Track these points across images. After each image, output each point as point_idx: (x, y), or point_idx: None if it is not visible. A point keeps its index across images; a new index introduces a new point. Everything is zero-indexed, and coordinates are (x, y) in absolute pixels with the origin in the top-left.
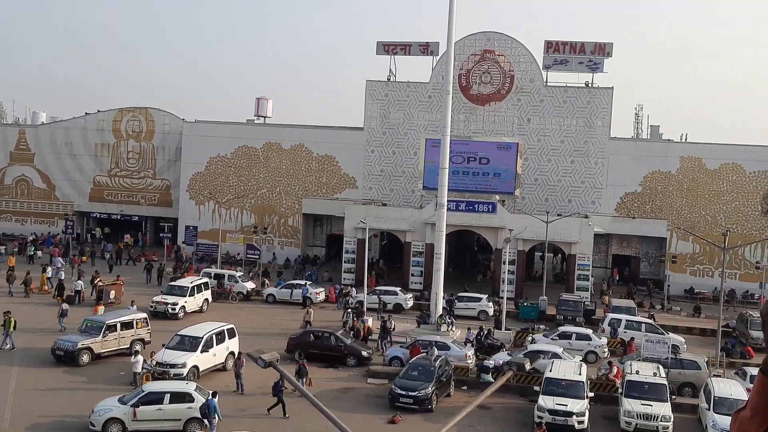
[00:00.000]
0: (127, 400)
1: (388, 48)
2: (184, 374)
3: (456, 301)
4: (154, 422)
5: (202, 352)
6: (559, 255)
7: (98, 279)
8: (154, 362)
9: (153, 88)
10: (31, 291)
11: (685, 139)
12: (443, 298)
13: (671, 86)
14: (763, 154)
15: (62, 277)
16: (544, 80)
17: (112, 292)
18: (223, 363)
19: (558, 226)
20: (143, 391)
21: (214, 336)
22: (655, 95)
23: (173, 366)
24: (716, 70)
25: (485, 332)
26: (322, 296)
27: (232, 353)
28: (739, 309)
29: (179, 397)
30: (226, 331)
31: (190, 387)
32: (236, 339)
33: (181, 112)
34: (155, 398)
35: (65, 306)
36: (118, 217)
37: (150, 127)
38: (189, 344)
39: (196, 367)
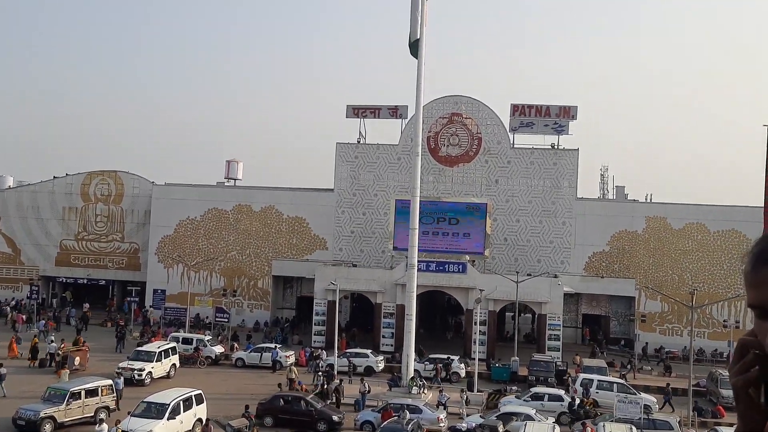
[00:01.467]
0: None
1: (357, 111)
2: None
3: (452, 362)
4: None
5: (168, 419)
6: (530, 315)
7: (63, 345)
8: (119, 431)
9: (123, 151)
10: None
11: (650, 200)
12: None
13: (635, 147)
14: (726, 214)
15: (52, 342)
16: (511, 142)
17: (77, 358)
18: (190, 430)
19: (528, 285)
20: None
21: (181, 402)
22: (619, 156)
23: None
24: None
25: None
26: (292, 359)
27: (199, 420)
28: (709, 367)
29: None
30: (193, 397)
31: None
32: (204, 405)
33: (151, 175)
34: None
35: (3, 370)
36: (85, 282)
37: (119, 191)
38: (155, 411)
39: None
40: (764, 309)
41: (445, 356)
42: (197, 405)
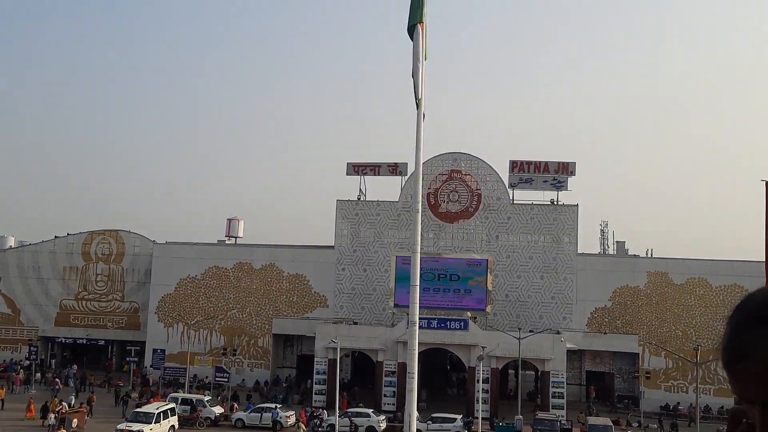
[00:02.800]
0: None
1: (357, 169)
2: None
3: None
4: None
5: None
6: (533, 372)
7: (61, 406)
8: None
9: (125, 210)
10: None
11: (651, 255)
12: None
13: (635, 203)
14: (728, 268)
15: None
16: (511, 198)
17: (75, 420)
18: None
19: (530, 342)
20: None
21: None
22: (619, 211)
23: None
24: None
25: None
26: (292, 419)
27: None
28: (716, 425)
29: None
30: None
31: None
32: None
33: (152, 234)
34: None
35: None
36: (84, 342)
37: (120, 250)
38: None
39: None
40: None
41: (449, 415)
42: None
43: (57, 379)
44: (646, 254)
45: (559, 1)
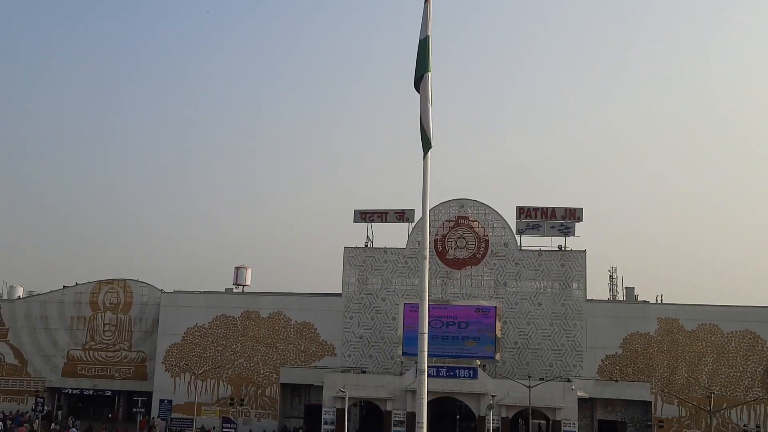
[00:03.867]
0: None
1: (365, 216)
2: None
3: None
4: None
5: None
6: (544, 421)
7: None
8: None
9: (132, 258)
10: None
11: (661, 300)
12: None
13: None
14: (739, 314)
15: None
16: (518, 244)
17: None
18: None
19: (541, 390)
20: None
21: None
22: (628, 256)
23: None
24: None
25: None
26: None
27: None
28: None
29: None
30: None
31: None
32: None
33: (160, 283)
34: None
35: None
36: (91, 393)
37: (128, 299)
38: None
39: None
40: None
41: None
42: None
43: None
44: (656, 300)
45: (563, 47)
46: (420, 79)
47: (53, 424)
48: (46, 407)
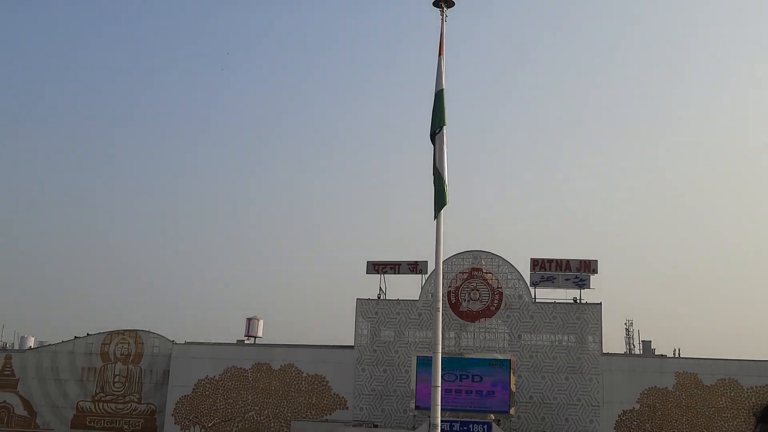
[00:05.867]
0: None
1: (377, 267)
2: None
3: None
4: None
5: None
6: None
7: None
8: None
9: (143, 310)
10: None
11: (679, 354)
12: None
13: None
14: (758, 369)
15: None
16: (533, 296)
17: None
18: None
19: None
20: None
21: None
22: (644, 309)
23: None
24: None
25: None
26: None
27: None
28: None
29: None
30: None
31: None
32: None
33: (171, 334)
34: None
35: None
36: None
37: (139, 350)
38: None
39: None
40: None
41: None
42: None
43: None
44: (674, 354)
45: (573, 97)
46: (435, 133)
47: None
48: None
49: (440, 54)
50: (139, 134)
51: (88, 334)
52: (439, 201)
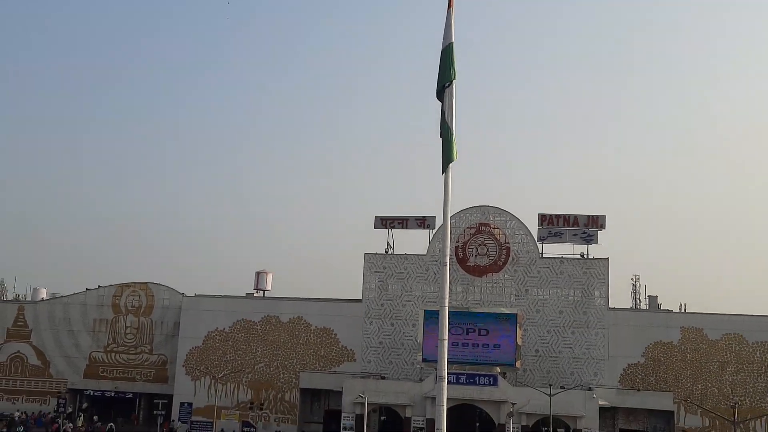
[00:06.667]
0: None
1: (385, 222)
2: None
3: None
4: None
5: None
6: (564, 430)
7: None
8: None
9: (155, 263)
10: None
11: (685, 309)
12: None
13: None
14: (763, 324)
15: None
16: (540, 252)
17: None
18: None
19: (561, 399)
20: None
21: None
22: (651, 265)
23: None
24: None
25: None
26: None
27: None
28: None
29: None
30: None
31: None
32: None
33: (181, 287)
34: None
35: None
36: (112, 395)
37: (149, 302)
38: None
39: None
40: None
41: None
42: None
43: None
44: (680, 309)
45: (587, 53)
46: (443, 89)
47: (82, 423)
48: (68, 408)
49: (450, 6)
50: (144, 85)
51: (99, 286)
52: (447, 156)
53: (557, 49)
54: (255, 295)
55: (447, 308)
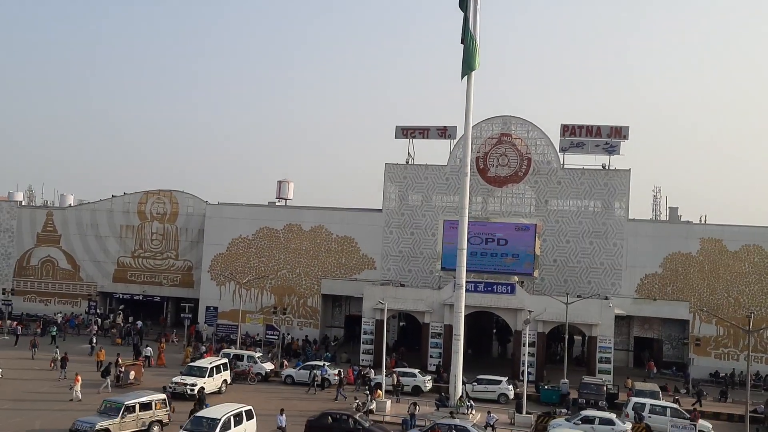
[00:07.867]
0: None
1: (406, 132)
2: None
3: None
4: None
5: None
6: (580, 337)
7: (119, 360)
8: None
9: (179, 171)
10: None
11: (705, 221)
12: None
13: (689, 168)
14: None
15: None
16: (561, 162)
17: (132, 372)
18: None
19: (578, 307)
20: None
21: (232, 418)
22: (673, 177)
23: None
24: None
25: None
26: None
27: None
28: (767, 393)
29: None
30: (244, 413)
31: None
32: (254, 421)
33: (204, 195)
34: None
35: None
36: (141, 298)
37: (174, 209)
38: (207, 426)
39: None
40: None
41: (495, 377)
42: (247, 420)
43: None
44: (700, 221)
45: None
46: None
47: (118, 321)
48: (99, 309)
49: None
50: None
51: (124, 193)
52: (469, 63)
53: None
54: (277, 204)
55: (467, 218)
